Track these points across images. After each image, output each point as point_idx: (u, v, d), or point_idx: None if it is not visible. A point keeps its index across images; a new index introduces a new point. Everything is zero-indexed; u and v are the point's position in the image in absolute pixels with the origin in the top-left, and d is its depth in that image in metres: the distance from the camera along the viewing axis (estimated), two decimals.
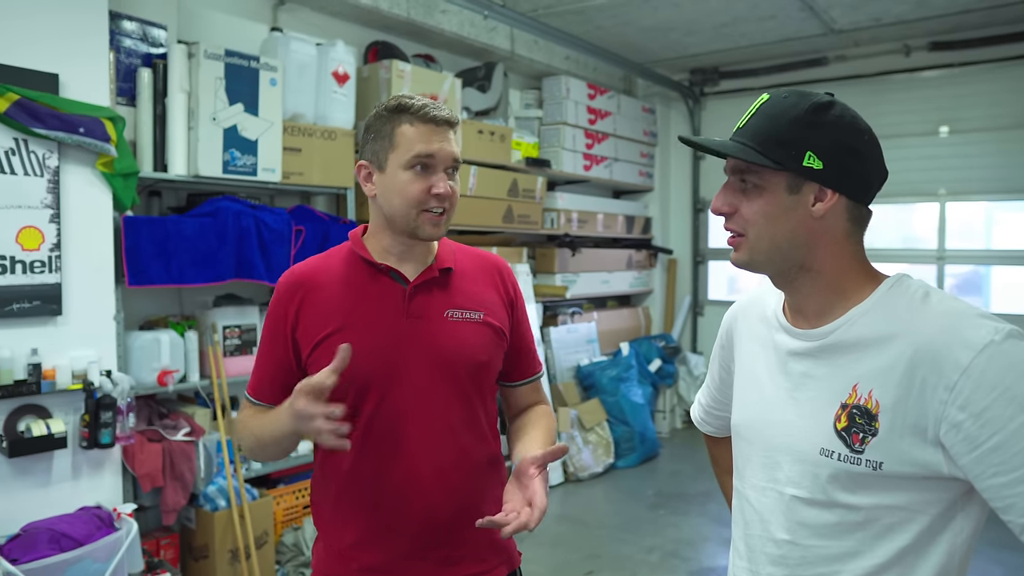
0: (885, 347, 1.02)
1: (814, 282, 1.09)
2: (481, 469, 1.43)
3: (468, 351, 1.40)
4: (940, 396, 0.96)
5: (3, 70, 2.63)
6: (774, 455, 1.13)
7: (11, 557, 2.45)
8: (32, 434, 2.67)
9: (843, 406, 1.04)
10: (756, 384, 1.19)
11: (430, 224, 1.36)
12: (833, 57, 5.91)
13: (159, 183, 3.34)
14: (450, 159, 1.37)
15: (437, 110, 1.36)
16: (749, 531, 1.18)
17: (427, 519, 1.36)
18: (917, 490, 1.00)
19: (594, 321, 5.85)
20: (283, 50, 3.68)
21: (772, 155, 1.04)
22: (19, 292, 2.69)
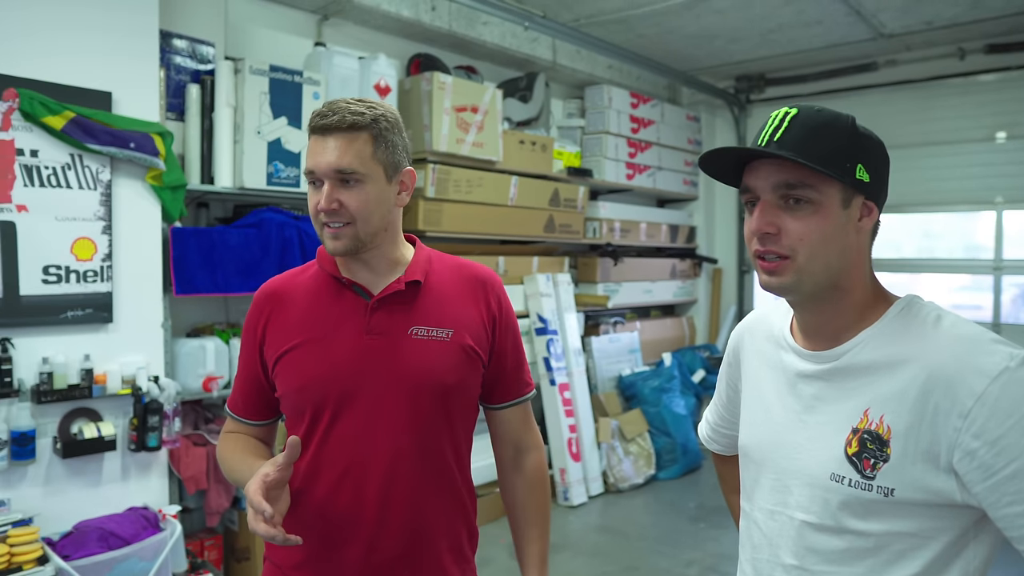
0: (897, 372, 0.99)
1: (841, 303, 1.06)
2: (437, 503, 1.34)
3: (431, 372, 1.31)
4: (954, 423, 0.93)
5: (61, 89, 2.76)
6: (784, 479, 1.11)
7: (63, 553, 2.56)
8: (84, 436, 2.79)
9: (854, 431, 1.02)
10: (764, 405, 1.17)
11: (329, 238, 1.28)
12: (883, 62, 5.77)
13: (206, 195, 3.45)
14: (332, 171, 1.25)
15: (324, 117, 1.26)
16: (757, 554, 1.16)
17: (370, 550, 1.29)
18: (929, 517, 0.98)
19: (637, 331, 5.81)
20: (326, 64, 3.77)
21: (832, 167, 0.99)
22: (73, 300, 2.81)
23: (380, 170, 1.29)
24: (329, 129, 1.26)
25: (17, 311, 2.69)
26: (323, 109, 1.28)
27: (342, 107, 1.27)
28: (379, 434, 1.29)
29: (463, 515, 1.41)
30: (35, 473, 2.73)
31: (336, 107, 1.28)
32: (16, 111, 2.68)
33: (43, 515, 2.67)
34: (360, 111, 1.27)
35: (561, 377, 4.81)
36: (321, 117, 1.27)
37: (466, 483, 1.42)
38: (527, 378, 1.48)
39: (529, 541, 1.44)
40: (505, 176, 4.62)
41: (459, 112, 4.26)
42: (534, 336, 4.82)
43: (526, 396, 1.47)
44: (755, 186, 1.05)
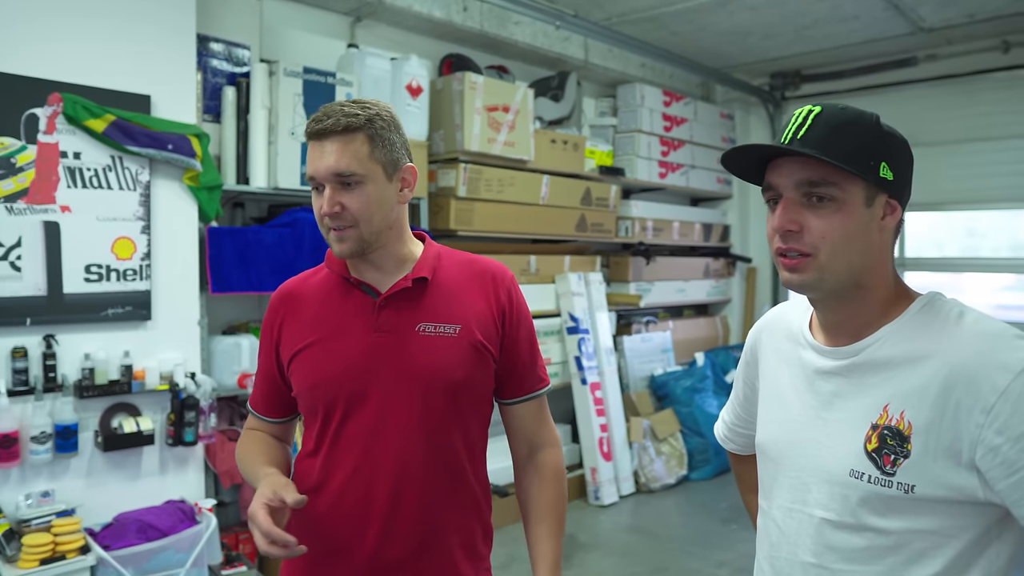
0: (918, 367, 0.99)
1: (863, 300, 1.05)
2: (449, 501, 1.34)
3: (439, 368, 1.30)
4: (976, 419, 0.93)
5: (102, 93, 2.84)
6: (802, 476, 1.10)
7: (104, 544, 2.63)
8: (124, 431, 2.86)
9: (874, 427, 1.01)
10: (782, 403, 1.17)
11: (335, 242, 1.29)
12: (923, 57, 5.65)
13: (242, 195, 3.52)
14: (330, 175, 1.25)
15: (315, 123, 1.27)
16: (775, 553, 1.15)
17: (383, 545, 1.30)
18: (950, 515, 0.97)
19: (669, 330, 5.77)
20: (359, 65, 3.82)
21: (855, 165, 0.99)
22: (113, 298, 2.89)
23: (379, 169, 1.29)
24: (325, 133, 1.26)
25: (61, 309, 2.78)
26: (318, 114, 1.28)
27: (336, 110, 1.27)
28: (389, 431, 1.30)
29: (476, 512, 1.40)
30: (78, 465, 2.81)
31: (331, 111, 1.28)
32: (60, 115, 2.76)
33: (85, 506, 2.75)
34: (354, 112, 1.27)
35: (592, 376, 4.80)
36: (316, 122, 1.27)
37: (480, 481, 1.41)
38: (541, 373, 1.46)
39: (541, 538, 1.40)
40: (536, 175, 4.63)
41: (490, 112, 4.28)
42: (565, 335, 4.82)
43: (540, 391, 1.45)
44: (777, 184, 1.05)
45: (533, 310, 4.64)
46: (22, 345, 2.69)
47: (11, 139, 2.68)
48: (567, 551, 3.96)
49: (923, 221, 5.97)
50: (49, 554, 2.49)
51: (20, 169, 2.70)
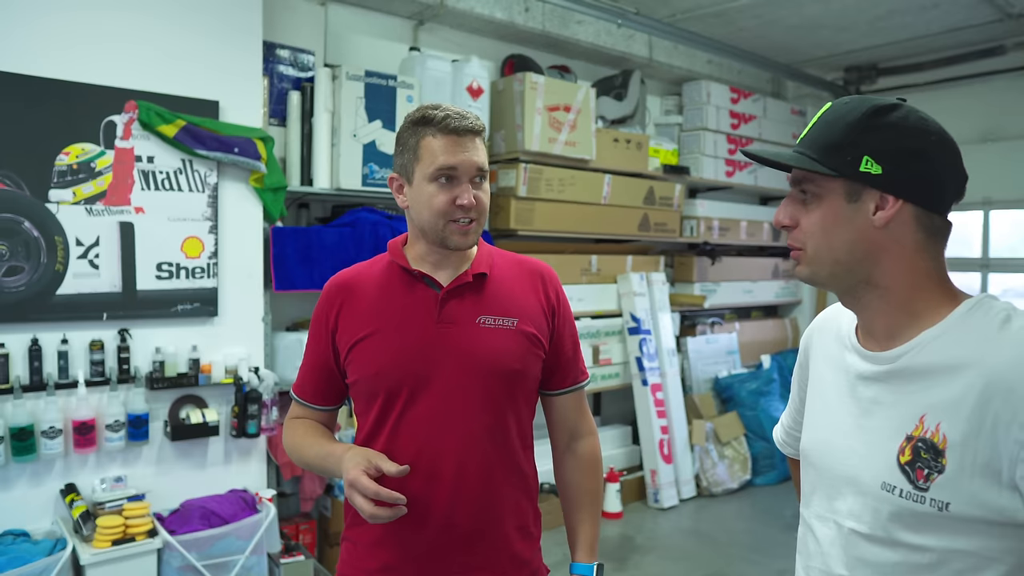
0: (956, 376, 0.93)
1: (882, 300, 1.02)
2: (505, 480, 1.40)
3: (499, 358, 1.38)
4: (1015, 435, 0.87)
5: (174, 100, 2.99)
6: (837, 484, 1.07)
7: (170, 528, 2.77)
8: (191, 421, 3.01)
9: (908, 438, 0.96)
10: (826, 407, 1.13)
11: (458, 234, 1.36)
12: (1012, 45, 5.33)
13: (306, 196, 3.63)
14: (473, 169, 1.35)
15: (458, 120, 1.34)
16: (810, 563, 1.12)
17: (444, 525, 1.35)
18: (991, 536, 0.90)
19: (735, 332, 5.65)
20: (420, 68, 3.89)
21: (828, 162, 0.99)
22: (183, 295, 3.04)
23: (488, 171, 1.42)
24: (466, 131, 1.35)
25: (134, 304, 2.93)
26: (450, 112, 1.35)
27: (461, 112, 1.36)
28: (453, 416, 1.36)
29: (528, 495, 1.47)
30: (148, 453, 2.97)
31: (461, 112, 1.36)
32: (135, 121, 2.92)
33: (154, 492, 2.90)
34: (478, 117, 1.39)
35: (654, 377, 4.74)
36: (454, 119, 1.34)
37: (530, 464, 1.49)
38: (582, 366, 1.55)
39: (579, 523, 1.49)
40: (598, 175, 4.60)
41: (551, 111, 4.29)
42: (626, 335, 4.78)
43: (581, 384, 1.54)
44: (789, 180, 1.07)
45: (594, 310, 4.66)
46: (99, 338, 2.85)
47: (91, 145, 2.85)
48: (622, 553, 3.93)
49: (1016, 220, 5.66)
50: (120, 535, 2.63)
51: (99, 173, 2.87)
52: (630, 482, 4.64)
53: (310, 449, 1.44)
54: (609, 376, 4.73)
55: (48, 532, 2.72)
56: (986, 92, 5.57)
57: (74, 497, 2.73)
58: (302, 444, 1.46)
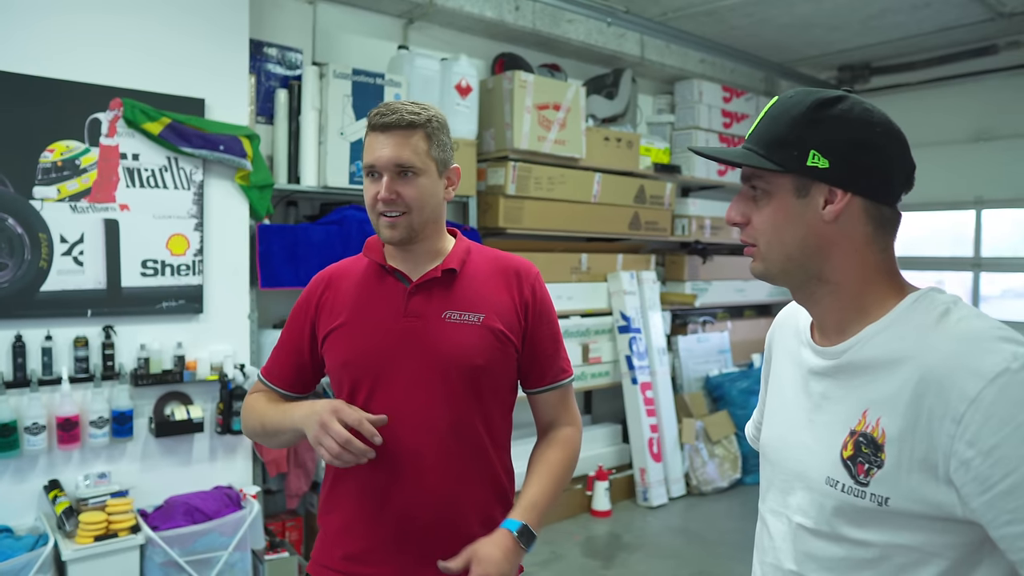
0: (894, 371, 0.93)
1: (832, 296, 1.01)
2: (470, 475, 1.41)
3: (462, 353, 1.39)
4: (947, 429, 0.86)
5: (159, 98, 3.00)
6: (789, 479, 1.07)
7: (153, 524, 2.78)
8: (175, 418, 3.02)
9: (851, 433, 0.96)
10: (783, 403, 1.13)
11: (386, 227, 1.38)
12: (1004, 44, 5.34)
13: (294, 194, 3.64)
14: (391, 165, 1.35)
15: (383, 116, 1.36)
16: (764, 558, 1.12)
17: (404, 517, 1.38)
18: (931, 531, 0.90)
19: (727, 331, 5.65)
20: (408, 66, 3.90)
21: (775, 157, 0.98)
22: (167, 292, 3.05)
23: (433, 165, 1.40)
24: (389, 126, 1.36)
25: (119, 301, 2.94)
26: (382, 109, 1.38)
27: (399, 107, 1.38)
28: (414, 409, 1.38)
29: (498, 492, 1.47)
30: (133, 450, 2.97)
31: (394, 107, 1.38)
32: (120, 119, 2.93)
33: (138, 488, 2.91)
34: (416, 111, 1.38)
35: (643, 376, 4.75)
36: (381, 116, 1.37)
37: (503, 463, 1.49)
38: (563, 364, 1.54)
39: (527, 485, 1.44)
40: (588, 173, 4.61)
41: (541, 110, 4.29)
42: (616, 334, 4.79)
43: (562, 381, 1.53)
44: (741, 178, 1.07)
45: (584, 308, 4.67)
46: (83, 335, 2.86)
47: (76, 142, 2.86)
48: (610, 551, 3.94)
49: (1009, 219, 5.66)
50: (103, 531, 2.65)
51: (84, 170, 2.88)
52: (619, 481, 4.65)
53: (273, 411, 1.44)
54: (599, 375, 4.73)
55: (31, 528, 2.73)
56: (978, 91, 5.57)
57: (57, 493, 2.74)
58: (264, 409, 1.47)
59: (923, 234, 6.11)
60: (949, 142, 5.72)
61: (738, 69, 5.89)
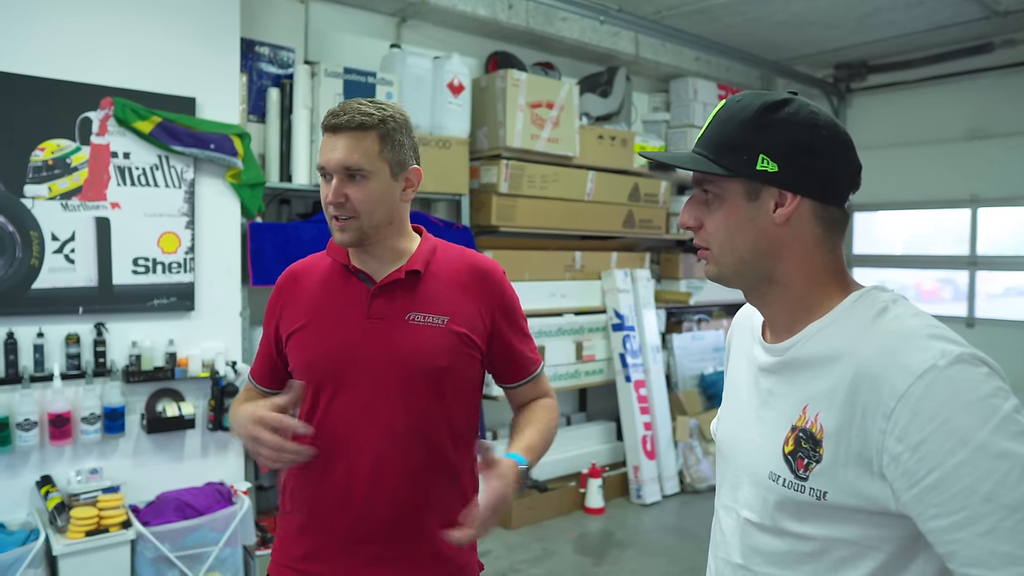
0: (832, 367, 0.94)
1: (782, 296, 1.03)
2: (430, 477, 1.41)
3: (424, 355, 1.38)
4: (879, 424, 0.87)
5: (150, 97, 3.02)
6: (739, 474, 1.08)
7: (144, 520, 2.80)
8: (167, 414, 3.04)
9: (792, 428, 0.98)
10: (736, 399, 1.15)
11: (337, 230, 1.38)
12: (1000, 42, 5.34)
13: (286, 192, 3.66)
14: (340, 167, 1.35)
15: (335, 117, 1.36)
16: (716, 552, 1.14)
17: (361, 517, 1.38)
18: (868, 524, 0.92)
19: (723, 329, 5.65)
20: (400, 65, 3.91)
21: (725, 162, 0.99)
22: (159, 290, 3.07)
23: (386, 168, 1.38)
24: (339, 128, 1.35)
25: (110, 299, 2.97)
26: (335, 109, 1.38)
27: (353, 108, 1.36)
28: (374, 410, 1.38)
29: (461, 495, 1.46)
30: (124, 446, 3.00)
31: (347, 108, 1.37)
32: (111, 118, 2.95)
33: (130, 484, 2.93)
34: (369, 112, 1.36)
35: (637, 374, 4.76)
36: (332, 117, 1.36)
37: (467, 464, 1.48)
38: (532, 355, 1.55)
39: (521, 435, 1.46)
40: (582, 171, 4.62)
41: (534, 108, 4.31)
42: (610, 332, 4.80)
43: (533, 375, 1.55)
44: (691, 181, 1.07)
45: (578, 306, 4.68)
46: (75, 332, 2.89)
47: (67, 141, 2.88)
48: (602, 548, 3.95)
49: (1000, 217, 5.65)
50: (94, 527, 2.67)
51: (74, 169, 2.90)
52: (613, 478, 4.66)
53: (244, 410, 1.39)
54: (593, 372, 4.75)
55: (24, 523, 2.75)
56: (974, 89, 5.57)
57: (49, 489, 2.76)
58: (239, 410, 1.44)
59: (927, 232, 6.12)
60: (945, 140, 5.72)
61: (733, 67, 5.89)
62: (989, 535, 0.80)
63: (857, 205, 6.26)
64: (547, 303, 4.53)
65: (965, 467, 0.82)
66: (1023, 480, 0.80)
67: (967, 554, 0.82)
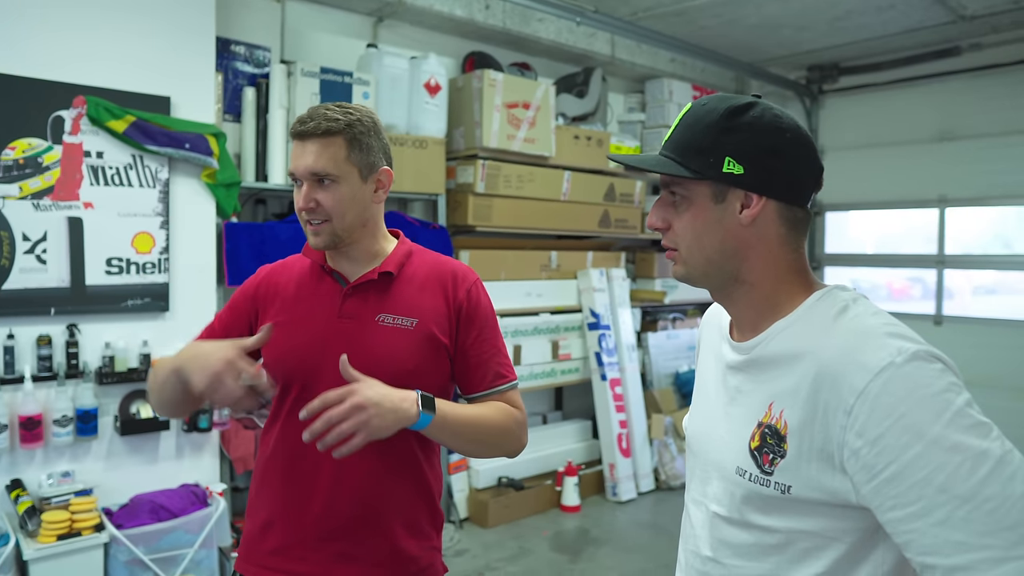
0: (795, 365, 0.98)
1: (748, 295, 1.06)
2: (394, 477, 1.42)
3: (392, 356, 1.39)
4: (840, 421, 0.91)
5: (124, 95, 2.99)
6: (708, 469, 1.12)
7: (117, 523, 2.78)
8: (141, 416, 3.01)
9: (759, 424, 1.01)
10: (705, 396, 1.18)
11: (311, 234, 1.42)
12: (967, 46, 5.45)
13: (263, 192, 3.65)
14: (308, 173, 1.38)
15: (302, 124, 1.39)
16: (686, 545, 1.17)
17: (325, 514, 1.39)
18: (831, 517, 0.95)
19: (697, 327, 5.70)
20: (376, 65, 3.91)
21: (692, 165, 1.01)
22: (133, 290, 3.04)
23: (354, 171, 1.41)
24: (306, 135, 1.39)
25: (83, 299, 2.94)
26: (303, 116, 1.41)
27: (320, 114, 1.39)
28: None
29: (425, 497, 1.48)
30: (98, 448, 2.97)
31: (314, 114, 1.40)
32: (84, 117, 2.92)
33: (103, 487, 2.91)
34: (335, 117, 1.39)
35: (613, 372, 4.80)
36: (300, 124, 1.40)
37: (431, 465, 1.50)
38: (502, 371, 1.50)
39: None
40: (558, 171, 4.65)
41: (510, 108, 4.32)
42: (586, 331, 4.84)
43: (499, 388, 1.49)
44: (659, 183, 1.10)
45: (554, 305, 4.71)
46: (47, 333, 2.85)
47: (38, 140, 2.85)
48: (578, 545, 3.98)
49: (975, 217, 5.77)
50: (66, 530, 2.64)
51: (46, 168, 2.87)
52: (589, 476, 4.69)
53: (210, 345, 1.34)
54: (569, 371, 4.78)
55: None
56: (942, 92, 5.67)
57: (20, 492, 2.73)
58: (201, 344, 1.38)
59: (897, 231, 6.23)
60: (914, 141, 5.83)
61: (708, 69, 5.95)
62: (943, 524, 0.84)
63: (829, 205, 6.36)
64: (523, 302, 4.56)
65: (920, 460, 0.85)
66: (974, 472, 0.83)
67: (923, 543, 0.85)
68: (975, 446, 0.84)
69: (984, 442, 0.85)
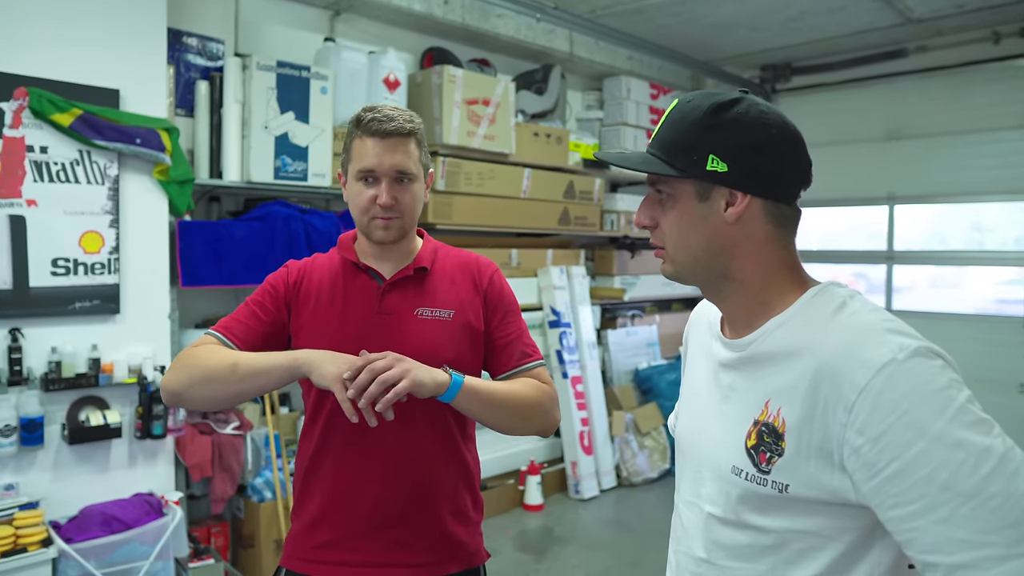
0: (793, 362, 0.96)
1: (738, 293, 1.04)
2: (442, 466, 1.47)
3: (433, 348, 1.43)
4: (840, 418, 0.89)
5: (69, 88, 2.85)
6: (701, 469, 1.09)
7: (67, 536, 2.65)
8: (91, 424, 2.88)
9: (755, 423, 0.99)
10: (696, 394, 1.16)
11: (380, 229, 1.45)
12: (914, 48, 5.60)
13: (216, 189, 3.52)
14: (392, 171, 1.43)
15: (381, 124, 1.42)
16: (678, 546, 1.15)
17: (377, 504, 1.43)
18: (828, 516, 0.94)
19: (656, 324, 5.76)
20: (335, 59, 3.81)
21: (677, 163, 1.00)
22: (81, 292, 2.91)
23: (422, 171, 1.50)
24: (390, 133, 1.43)
25: (26, 302, 2.79)
26: (377, 114, 1.43)
27: (397, 114, 1.44)
28: None
29: (467, 481, 1.53)
30: (44, 459, 2.83)
31: (391, 113, 1.44)
32: (26, 109, 2.77)
33: (50, 499, 2.77)
34: (409, 119, 1.46)
35: (574, 370, 4.79)
36: (379, 122, 1.42)
37: (471, 452, 1.56)
38: (528, 350, 1.55)
39: None
40: (518, 168, 4.62)
41: (470, 105, 4.27)
42: (547, 329, 4.82)
43: (526, 366, 1.52)
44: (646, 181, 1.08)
45: None
46: None
47: None
48: (542, 545, 3.97)
49: (919, 214, 5.92)
50: (10, 547, 2.51)
51: None
52: (551, 474, 4.68)
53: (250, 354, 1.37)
54: None
55: None
56: (891, 92, 5.81)
57: None
58: (232, 353, 1.38)
59: (841, 229, 6.36)
60: (864, 140, 5.96)
61: (665, 67, 5.99)
62: (945, 522, 0.83)
63: None
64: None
65: (923, 457, 0.84)
66: (977, 469, 0.83)
67: (925, 541, 0.84)
68: (978, 443, 0.83)
69: (986, 439, 0.84)
